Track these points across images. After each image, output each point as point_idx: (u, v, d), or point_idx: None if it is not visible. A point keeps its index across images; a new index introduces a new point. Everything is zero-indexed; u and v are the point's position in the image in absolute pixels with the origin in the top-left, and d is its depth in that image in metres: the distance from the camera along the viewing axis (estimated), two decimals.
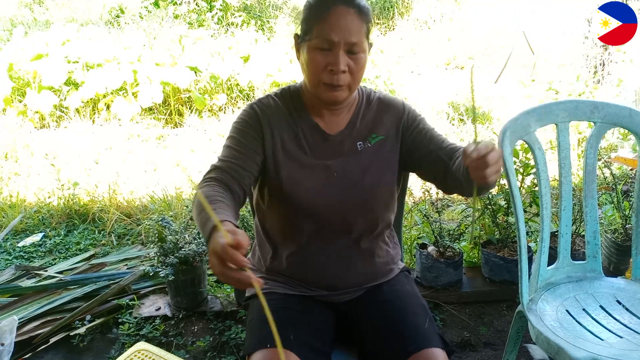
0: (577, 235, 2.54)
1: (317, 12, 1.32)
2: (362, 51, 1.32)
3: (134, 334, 2.33)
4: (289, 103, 1.47)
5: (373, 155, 1.46)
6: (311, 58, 1.33)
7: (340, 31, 1.28)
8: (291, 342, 1.30)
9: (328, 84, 1.33)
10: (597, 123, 1.73)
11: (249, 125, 1.43)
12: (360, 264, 1.49)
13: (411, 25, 9.00)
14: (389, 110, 1.50)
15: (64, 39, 6.05)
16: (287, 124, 1.45)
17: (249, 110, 1.46)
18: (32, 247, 3.31)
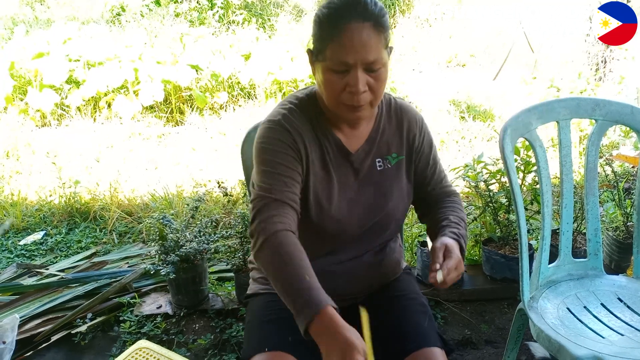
0: (578, 233, 2.54)
1: (329, 31, 1.20)
2: (382, 66, 1.22)
3: (135, 332, 2.34)
4: (312, 115, 1.35)
5: (394, 178, 1.42)
6: (327, 80, 1.23)
7: (357, 51, 1.18)
8: (290, 344, 1.28)
9: (349, 105, 1.24)
10: (599, 120, 1.73)
11: (287, 145, 1.30)
12: (368, 275, 1.48)
13: (412, 23, 8.98)
14: (408, 126, 1.43)
15: (65, 37, 6.06)
16: (313, 141, 1.34)
17: (280, 128, 1.31)
18: (33, 246, 3.31)
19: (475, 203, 2.75)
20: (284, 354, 1.26)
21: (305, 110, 1.35)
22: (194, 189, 3.78)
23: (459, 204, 1.49)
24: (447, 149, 4.74)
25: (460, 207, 1.49)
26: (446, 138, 4.94)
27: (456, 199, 1.50)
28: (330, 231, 1.36)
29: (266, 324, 1.38)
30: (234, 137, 4.95)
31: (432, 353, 1.28)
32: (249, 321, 1.44)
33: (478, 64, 7.63)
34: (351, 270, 1.44)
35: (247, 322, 1.45)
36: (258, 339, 1.32)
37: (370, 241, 1.44)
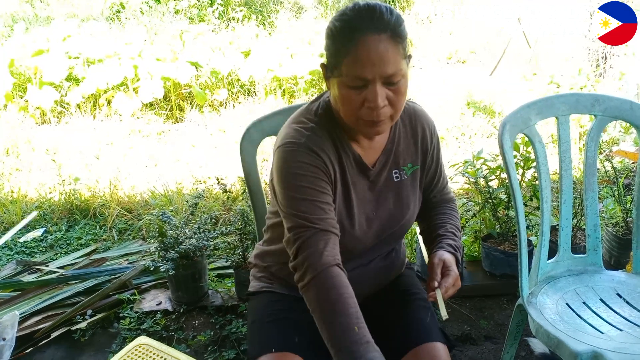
0: (578, 229, 2.54)
1: (343, 43, 1.13)
2: (401, 77, 1.15)
3: (135, 328, 2.34)
4: (331, 131, 1.28)
5: (410, 188, 1.40)
6: (344, 96, 1.16)
7: (374, 66, 1.11)
8: (296, 345, 1.28)
9: (369, 120, 1.18)
10: (598, 116, 1.72)
11: (318, 169, 1.24)
12: (376, 279, 1.48)
13: (412, 20, 8.97)
14: (422, 133, 1.40)
15: (64, 34, 6.06)
16: (336, 159, 1.28)
17: (307, 151, 1.23)
18: (33, 243, 3.32)
19: (474, 199, 2.75)
20: (291, 354, 1.26)
21: (325, 128, 1.28)
22: (194, 185, 3.78)
23: (455, 210, 1.52)
24: (447, 146, 4.73)
25: (457, 215, 1.52)
26: (446, 134, 4.93)
27: (453, 206, 1.52)
28: (348, 247, 1.31)
29: (271, 324, 1.37)
30: (233, 134, 4.95)
31: (435, 348, 1.29)
32: (252, 321, 1.43)
33: (478, 61, 7.62)
34: (359, 276, 1.41)
35: (250, 322, 1.45)
36: (264, 339, 1.32)
37: (382, 249, 1.45)
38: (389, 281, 1.53)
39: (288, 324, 1.36)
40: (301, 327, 1.34)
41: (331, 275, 1.16)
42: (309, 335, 1.30)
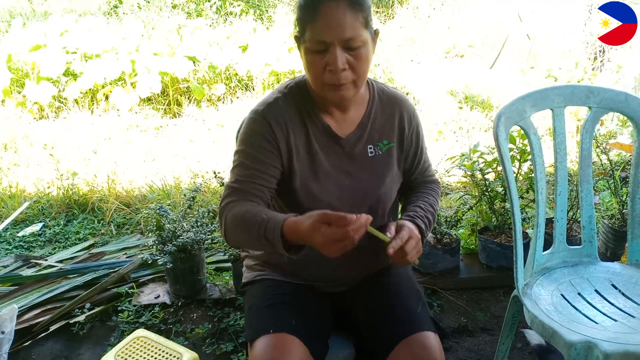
0: (574, 221, 2.55)
1: (306, 12, 1.24)
2: (361, 44, 1.24)
3: (134, 321, 2.35)
4: (298, 102, 1.39)
5: (385, 164, 1.44)
6: (309, 61, 1.27)
7: (332, 29, 1.20)
8: (294, 327, 1.30)
9: (331, 84, 1.27)
10: (593, 108, 1.73)
11: (263, 138, 1.35)
12: (362, 261, 1.49)
13: (411, 14, 8.96)
14: (400, 114, 1.46)
15: (62, 29, 6.05)
16: (299, 128, 1.37)
17: (259, 119, 1.36)
18: (31, 237, 3.32)
19: (471, 192, 2.76)
20: (288, 335, 1.28)
21: (293, 99, 1.38)
22: (192, 180, 3.78)
23: (434, 190, 1.54)
24: (444, 139, 4.74)
25: (434, 193, 1.53)
26: (444, 128, 4.94)
27: (434, 186, 1.55)
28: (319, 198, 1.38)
29: (268, 308, 1.40)
30: (231, 128, 4.95)
31: (426, 337, 1.30)
32: (250, 307, 1.45)
33: (476, 55, 7.61)
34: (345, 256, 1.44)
35: (247, 308, 1.46)
36: (262, 322, 1.34)
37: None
38: (379, 269, 1.55)
39: (285, 308, 1.38)
40: (298, 312, 1.37)
41: (237, 208, 1.29)
42: (306, 319, 1.35)
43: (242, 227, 1.26)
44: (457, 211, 2.61)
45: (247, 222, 1.24)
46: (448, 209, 3.08)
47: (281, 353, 1.24)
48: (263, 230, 1.20)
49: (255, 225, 1.22)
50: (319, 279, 1.49)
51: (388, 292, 1.45)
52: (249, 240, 1.28)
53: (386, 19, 8.97)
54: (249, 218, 1.24)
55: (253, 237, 1.23)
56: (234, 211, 1.28)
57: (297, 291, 1.46)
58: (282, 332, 1.28)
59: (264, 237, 1.20)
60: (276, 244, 1.19)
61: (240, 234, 1.29)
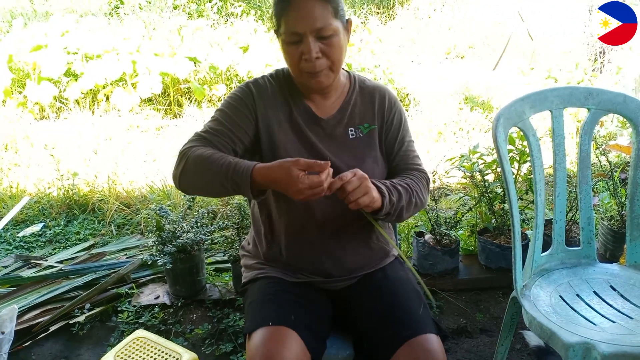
0: (573, 223, 2.55)
1: (280, 6, 1.33)
2: (333, 33, 1.33)
3: (133, 322, 2.35)
4: (283, 85, 1.49)
5: (365, 146, 1.48)
6: (286, 52, 1.36)
7: (303, 20, 1.29)
8: (293, 322, 1.32)
9: (308, 72, 1.35)
10: (592, 110, 1.73)
11: (243, 102, 1.44)
12: (354, 251, 1.51)
13: (411, 15, 8.96)
14: (380, 100, 1.52)
15: (63, 30, 6.05)
16: (282, 106, 1.47)
17: (245, 88, 1.47)
18: (32, 237, 3.33)
19: (471, 193, 2.76)
20: (286, 329, 1.30)
21: (279, 81, 1.49)
22: None
23: (415, 176, 1.51)
24: (444, 140, 4.74)
25: (415, 178, 1.50)
26: (444, 129, 4.94)
27: (416, 173, 1.52)
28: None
29: (268, 302, 1.42)
30: None
31: (428, 340, 1.30)
32: (250, 302, 1.46)
33: (477, 56, 7.62)
34: (337, 244, 1.48)
35: (248, 304, 1.48)
36: (261, 315, 1.36)
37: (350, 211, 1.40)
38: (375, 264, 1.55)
39: (284, 304, 1.40)
40: (297, 308, 1.39)
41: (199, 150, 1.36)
42: (305, 316, 1.37)
43: (205, 166, 1.32)
44: (456, 212, 2.61)
45: (212, 162, 1.31)
46: (448, 210, 3.08)
47: (278, 345, 1.26)
48: (231, 171, 1.28)
49: (222, 165, 1.29)
50: (315, 272, 1.50)
51: (389, 293, 1.45)
52: (209, 179, 1.32)
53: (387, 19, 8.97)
54: (216, 159, 1.31)
55: (216, 177, 1.30)
56: (199, 152, 1.35)
57: (297, 288, 1.48)
58: (280, 326, 1.30)
59: (231, 177, 1.28)
60: (243, 184, 1.27)
61: (200, 174, 1.33)
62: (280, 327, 1.30)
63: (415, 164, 1.54)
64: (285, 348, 1.25)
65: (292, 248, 1.50)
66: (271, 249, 1.54)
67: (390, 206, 1.35)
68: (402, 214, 1.41)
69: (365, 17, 8.70)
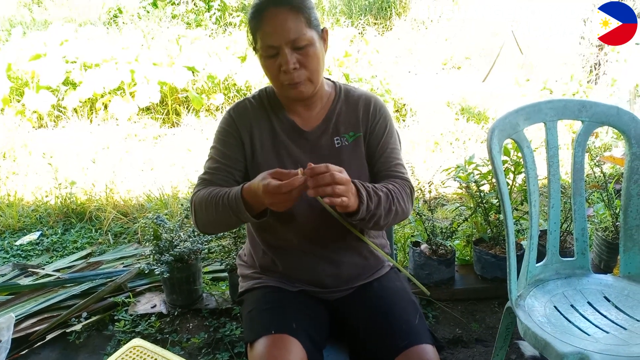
0: (568, 233, 2.57)
1: (254, 22, 1.35)
2: (308, 43, 1.34)
3: (130, 331, 2.36)
4: (265, 103, 1.51)
5: (352, 153, 1.48)
6: (264, 65, 1.38)
7: (277, 34, 1.31)
8: (294, 329, 1.32)
9: (288, 83, 1.37)
10: (585, 122, 1.75)
11: (228, 133, 1.48)
12: (349, 262, 1.51)
13: (408, 26, 9.02)
14: (364, 107, 1.52)
15: (62, 39, 6.07)
16: (265, 124, 1.48)
17: (227, 117, 1.50)
18: (29, 246, 3.33)
19: (466, 204, 2.78)
20: (289, 336, 1.30)
21: (261, 100, 1.51)
22: (189, 189, 3.80)
23: (398, 184, 1.45)
24: (440, 151, 4.77)
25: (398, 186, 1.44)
26: (440, 139, 4.97)
27: (398, 181, 1.46)
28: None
29: (268, 310, 1.42)
30: None
31: (424, 350, 1.31)
32: (249, 311, 1.46)
33: (473, 66, 7.67)
34: (331, 255, 1.49)
35: (247, 312, 1.47)
36: (262, 323, 1.36)
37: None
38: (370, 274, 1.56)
39: (285, 312, 1.41)
40: (297, 316, 1.39)
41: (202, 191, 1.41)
42: (305, 324, 1.37)
43: (208, 204, 1.37)
44: (452, 222, 2.62)
45: (212, 199, 1.36)
46: (444, 220, 3.09)
47: (282, 352, 1.26)
48: (227, 200, 1.32)
49: (219, 198, 1.34)
50: (312, 283, 1.51)
51: (384, 303, 1.46)
52: (216, 215, 1.36)
53: (384, 30, 9.03)
54: (214, 195, 1.36)
55: (219, 211, 1.34)
56: (200, 194, 1.40)
57: (294, 298, 1.48)
58: (283, 333, 1.31)
59: (228, 205, 1.32)
60: (239, 209, 1.30)
61: (207, 212, 1.38)
62: (282, 334, 1.30)
63: (397, 171, 1.49)
64: (289, 355, 1.26)
65: (287, 260, 1.51)
66: (266, 260, 1.55)
67: (367, 212, 1.30)
68: (379, 221, 1.35)
69: (362, 28, 8.76)
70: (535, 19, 8.03)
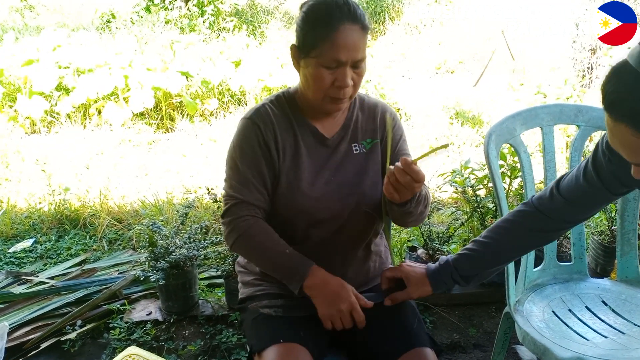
0: (564, 238, 2.57)
1: (323, 30, 1.29)
2: (364, 62, 1.35)
3: (125, 338, 2.34)
4: (286, 109, 1.47)
5: (369, 159, 1.49)
6: (317, 75, 1.32)
7: (349, 51, 1.29)
8: (302, 338, 1.33)
9: (334, 97, 1.35)
10: (582, 126, 1.76)
11: (256, 142, 1.42)
12: (354, 270, 1.51)
13: (402, 30, 9.06)
14: (381, 114, 1.52)
15: (55, 44, 6.05)
16: (287, 131, 1.45)
17: (249, 124, 1.43)
18: (22, 253, 3.30)
19: (462, 208, 2.78)
20: (298, 345, 1.30)
21: (281, 106, 1.47)
22: (184, 195, 3.78)
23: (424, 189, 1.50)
24: (436, 154, 4.77)
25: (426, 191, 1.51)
26: (435, 144, 4.98)
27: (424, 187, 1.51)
28: (303, 209, 1.43)
29: (275, 319, 1.42)
30: (224, 143, 4.93)
31: (423, 353, 1.32)
32: (253, 319, 1.46)
33: (467, 71, 7.69)
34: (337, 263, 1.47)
35: (250, 321, 1.47)
36: (270, 332, 1.36)
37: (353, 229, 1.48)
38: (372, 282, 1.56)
39: (291, 320, 1.41)
40: (304, 323, 1.39)
41: (254, 228, 1.40)
42: (312, 331, 1.37)
43: (258, 253, 1.41)
44: (449, 227, 2.62)
45: (266, 251, 1.39)
46: (440, 225, 3.09)
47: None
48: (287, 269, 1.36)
49: (277, 256, 1.38)
50: None
51: (383, 308, 1.45)
52: (261, 264, 1.44)
53: (378, 34, 9.06)
54: (269, 247, 1.39)
55: (267, 262, 1.40)
56: (250, 232, 1.39)
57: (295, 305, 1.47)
58: (292, 342, 1.31)
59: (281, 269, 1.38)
60: (294, 285, 1.34)
61: (253, 258, 1.44)
62: (292, 343, 1.31)
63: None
64: None
65: None
66: None
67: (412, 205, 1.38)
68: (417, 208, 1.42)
69: None
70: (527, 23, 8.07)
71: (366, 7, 9.36)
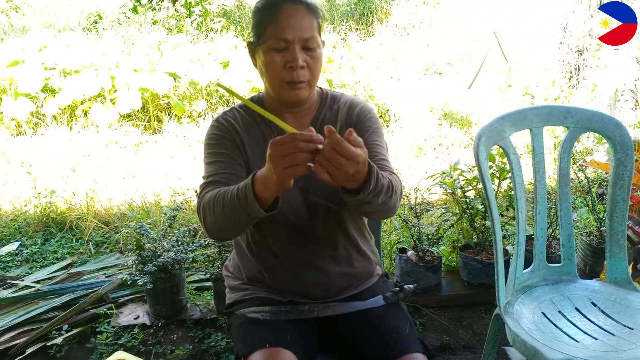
0: (553, 239, 2.58)
1: (267, 14, 1.34)
2: (317, 46, 1.35)
3: (112, 343, 2.31)
4: (252, 111, 1.47)
5: None
6: (269, 59, 1.34)
7: (293, 28, 1.31)
8: (289, 342, 1.31)
9: (289, 81, 1.35)
10: (570, 128, 1.76)
11: (224, 137, 1.44)
12: (338, 273, 1.49)
13: (390, 31, 9.07)
14: (351, 111, 1.50)
15: (40, 45, 5.99)
16: (254, 132, 1.46)
17: (216, 124, 1.47)
18: (8, 257, 3.26)
19: (452, 210, 2.78)
20: (284, 350, 1.28)
21: (247, 108, 1.48)
22: (172, 197, 3.76)
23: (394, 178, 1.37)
24: (425, 156, 4.78)
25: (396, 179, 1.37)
26: (424, 145, 4.98)
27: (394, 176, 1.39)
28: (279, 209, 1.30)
29: (262, 323, 1.39)
30: None
31: (415, 359, 1.30)
32: (240, 324, 1.43)
33: (455, 72, 7.73)
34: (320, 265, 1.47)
35: (237, 325, 1.45)
36: (256, 336, 1.33)
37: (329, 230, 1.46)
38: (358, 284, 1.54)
39: (278, 324, 1.39)
40: (291, 328, 1.37)
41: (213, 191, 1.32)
42: (298, 335, 1.35)
43: (215, 202, 1.28)
44: (438, 228, 2.62)
45: (220, 195, 1.28)
46: (429, 226, 3.09)
47: None
48: (235, 192, 1.22)
49: (228, 193, 1.25)
50: (301, 294, 1.49)
51: (374, 313, 1.44)
52: (223, 211, 1.26)
53: (366, 36, 9.07)
54: (223, 191, 1.29)
55: (226, 206, 1.24)
56: (208, 196, 1.32)
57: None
58: (278, 347, 1.28)
59: (237, 198, 1.21)
60: (247, 198, 1.18)
61: (215, 211, 1.28)
62: (278, 348, 1.28)
63: (385, 167, 1.41)
64: None
65: (274, 271, 1.49)
66: (253, 271, 1.53)
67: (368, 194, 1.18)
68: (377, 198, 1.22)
69: (345, 34, 8.78)
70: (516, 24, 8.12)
71: (354, 9, 9.37)
